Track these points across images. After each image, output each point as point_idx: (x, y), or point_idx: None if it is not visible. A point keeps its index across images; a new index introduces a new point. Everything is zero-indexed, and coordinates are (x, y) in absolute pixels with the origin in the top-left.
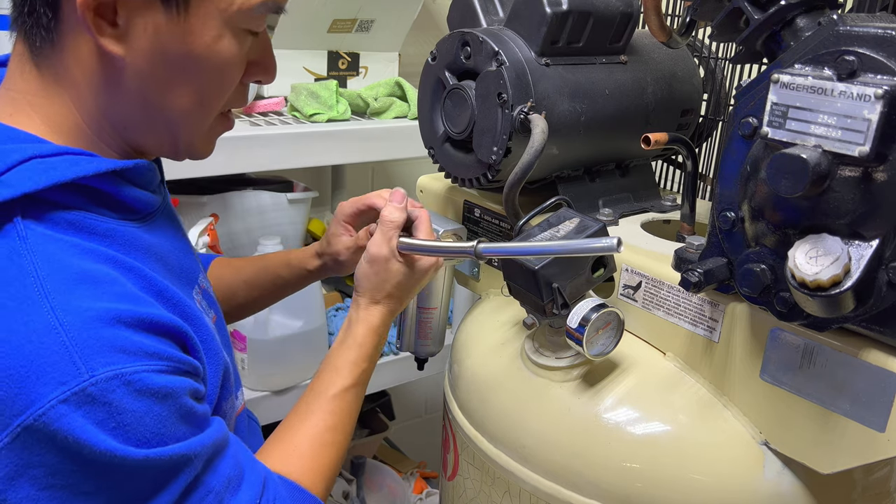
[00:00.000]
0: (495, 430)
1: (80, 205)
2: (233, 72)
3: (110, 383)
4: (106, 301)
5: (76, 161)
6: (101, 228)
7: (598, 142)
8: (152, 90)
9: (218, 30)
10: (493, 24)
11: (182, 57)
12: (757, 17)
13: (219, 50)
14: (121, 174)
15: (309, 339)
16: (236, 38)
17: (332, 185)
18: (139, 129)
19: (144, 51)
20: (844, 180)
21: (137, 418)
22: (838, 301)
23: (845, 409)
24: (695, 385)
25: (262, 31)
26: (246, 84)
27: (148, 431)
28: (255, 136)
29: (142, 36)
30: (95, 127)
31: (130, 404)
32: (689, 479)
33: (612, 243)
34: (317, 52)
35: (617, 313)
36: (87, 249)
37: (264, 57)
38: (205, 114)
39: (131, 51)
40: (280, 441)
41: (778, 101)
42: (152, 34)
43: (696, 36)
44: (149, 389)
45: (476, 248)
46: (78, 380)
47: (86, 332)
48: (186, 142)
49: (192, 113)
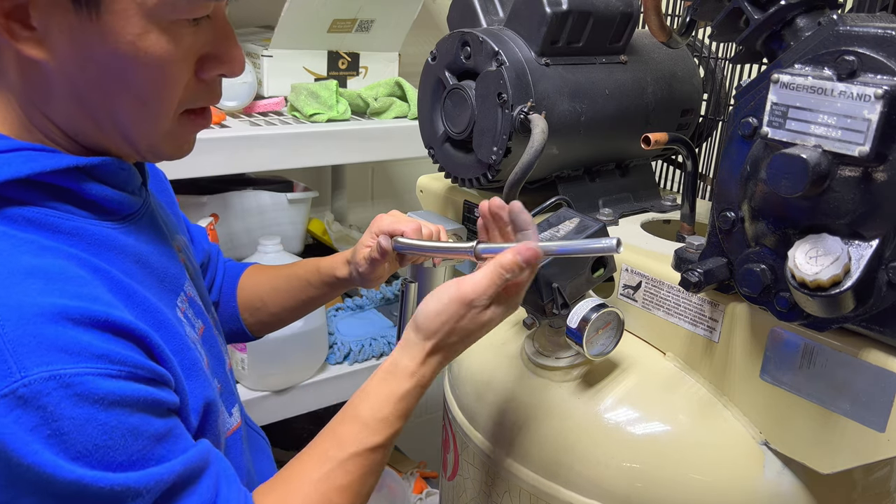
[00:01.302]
0: (495, 430)
1: (40, 201)
2: (172, 69)
3: (45, 385)
4: (55, 297)
5: (33, 156)
6: (67, 227)
7: (598, 142)
8: (88, 94)
9: (141, 26)
10: (493, 24)
11: (107, 58)
12: (757, 17)
13: (146, 47)
14: (86, 171)
15: (309, 339)
16: (166, 32)
17: (332, 185)
18: (88, 132)
19: (67, 53)
20: (844, 180)
21: (77, 426)
22: (838, 301)
23: (845, 409)
24: (695, 385)
25: (202, 19)
26: (208, 80)
27: (89, 443)
28: (255, 136)
29: (59, 38)
30: (45, 130)
31: (68, 410)
32: (689, 479)
33: (612, 244)
34: (317, 52)
35: (617, 313)
36: (46, 247)
37: (221, 48)
38: (153, 115)
39: (54, 54)
40: (285, 482)
41: (778, 101)
42: (69, 35)
43: (696, 36)
44: (92, 395)
45: (476, 249)
46: (8, 380)
47: (24, 327)
48: (145, 144)
49: (138, 114)
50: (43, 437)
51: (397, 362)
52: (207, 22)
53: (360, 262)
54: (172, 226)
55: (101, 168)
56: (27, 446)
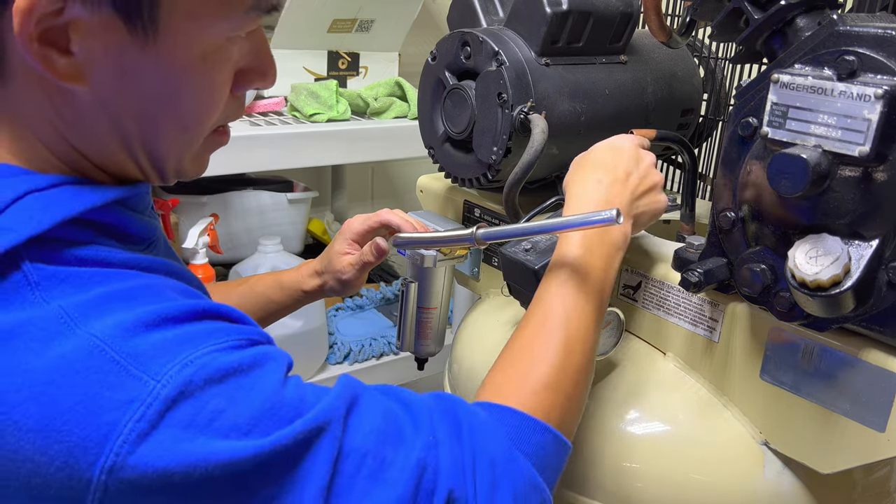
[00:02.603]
0: None
1: (89, 239)
2: (221, 91)
3: (183, 374)
4: (144, 306)
5: (78, 192)
6: (118, 259)
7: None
8: (125, 121)
9: (197, 49)
10: (493, 24)
11: (156, 83)
12: (757, 17)
13: (201, 71)
14: (123, 202)
15: (309, 339)
16: (219, 52)
17: (332, 185)
18: (117, 159)
19: (109, 79)
20: (844, 180)
21: (230, 401)
22: (838, 301)
23: (845, 409)
24: (695, 385)
25: (249, 34)
26: (240, 95)
27: (252, 410)
28: (255, 136)
29: (103, 63)
30: (69, 160)
31: (215, 389)
32: (689, 479)
33: (612, 215)
34: (317, 52)
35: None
36: (109, 275)
37: (259, 62)
38: (191, 139)
39: (92, 80)
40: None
41: (778, 101)
42: (115, 61)
43: (696, 36)
44: (229, 367)
45: (475, 234)
46: (148, 391)
47: (132, 340)
48: (173, 168)
49: (175, 139)
50: (203, 425)
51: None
52: (250, 36)
53: (343, 270)
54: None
55: (135, 197)
56: (194, 443)
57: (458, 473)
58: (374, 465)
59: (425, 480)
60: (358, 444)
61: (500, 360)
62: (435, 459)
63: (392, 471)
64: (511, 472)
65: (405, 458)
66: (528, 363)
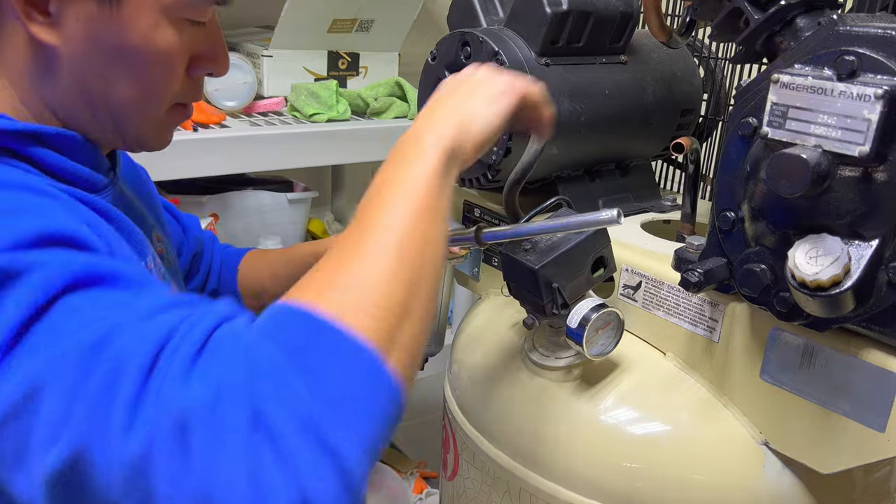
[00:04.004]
0: (495, 430)
1: None
2: (174, 62)
3: None
4: None
5: None
6: (10, 180)
7: (598, 142)
8: (91, 81)
9: (154, 19)
10: (493, 24)
11: (118, 47)
12: (757, 17)
13: (155, 40)
14: (42, 140)
15: None
16: (174, 27)
17: (332, 185)
18: (81, 117)
19: (78, 40)
20: (844, 180)
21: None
22: (838, 301)
23: (845, 409)
24: (695, 385)
25: (205, 21)
26: (196, 77)
27: None
28: (255, 136)
29: (74, 25)
30: (36, 111)
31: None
32: (689, 479)
33: (613, 215)
34: (317, 52)
35: (617, 313)
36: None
37: (212, 48)
38: (150, 106)
39: (65, 40)
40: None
41: (778, 101)
42: (85, 23)
43: (696, 36)
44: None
45: (477, 234)
46: None
47: None
48: (133, 134)
49: (136, 105)
50: None
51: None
52: (204, 25)
53: None
54: (147, 220)
55: (59, 140)
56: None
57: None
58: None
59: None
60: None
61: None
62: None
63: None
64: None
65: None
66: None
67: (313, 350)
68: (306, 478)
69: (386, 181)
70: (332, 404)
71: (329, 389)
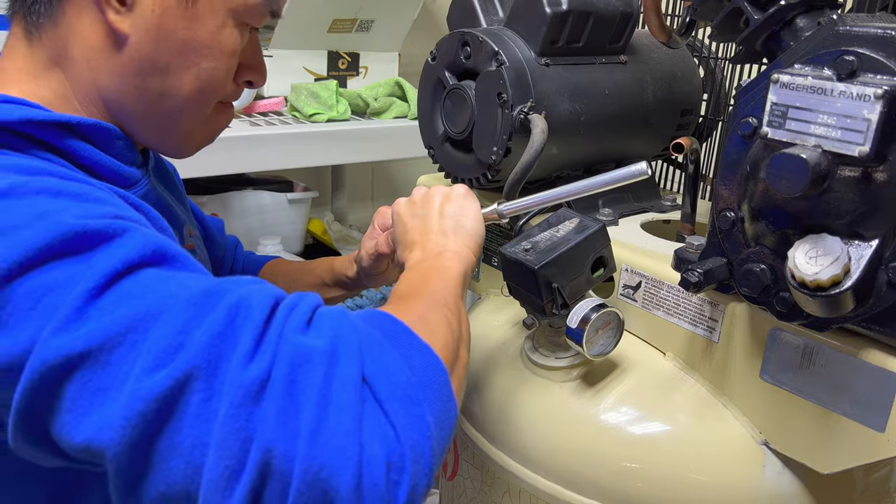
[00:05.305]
0: (495, 430)
1: (20, 147)
2: (233, 63)
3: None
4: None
5: (23, 109)
6: (29, 165)
7: (597, 142)
8: (153, 72)
9: (222, 18)
10: (493, 24)
11: (186, 41)
12: (757, 17)
13: (221, 39)
14: (77, 132)
15: None
16: (237, 29)
17: (332, 185)
18: (134, 111)
19: (150, 32)
20: (844, 180)
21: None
22: (838, 301)
23: (845, 410)
24: (695, 385)
25: (258, 27)
26: (239, 84)
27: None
28: (255, 136)
29: (149, 17)
30: (85, 100)
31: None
32: (689, 478)
33: (642, 168)
34: (317, 52)
35: (617, 313)
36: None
37: (255, 59)
38: (203, 101)
39: (136, 30)
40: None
41: (778, 101)
42: (159, 16)
43: (696, 36)
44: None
45: (498, 209)
46: None
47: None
48: (185, 130)
49: (190, 98)
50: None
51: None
52: (251, 35)
53: (363, 258)
54: (179, 216)
55: (92, 131)
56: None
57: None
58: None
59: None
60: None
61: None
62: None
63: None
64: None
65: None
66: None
67: (407, 343)
68: (403, 435)
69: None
70: (426, 390)
71: (422, 376)
